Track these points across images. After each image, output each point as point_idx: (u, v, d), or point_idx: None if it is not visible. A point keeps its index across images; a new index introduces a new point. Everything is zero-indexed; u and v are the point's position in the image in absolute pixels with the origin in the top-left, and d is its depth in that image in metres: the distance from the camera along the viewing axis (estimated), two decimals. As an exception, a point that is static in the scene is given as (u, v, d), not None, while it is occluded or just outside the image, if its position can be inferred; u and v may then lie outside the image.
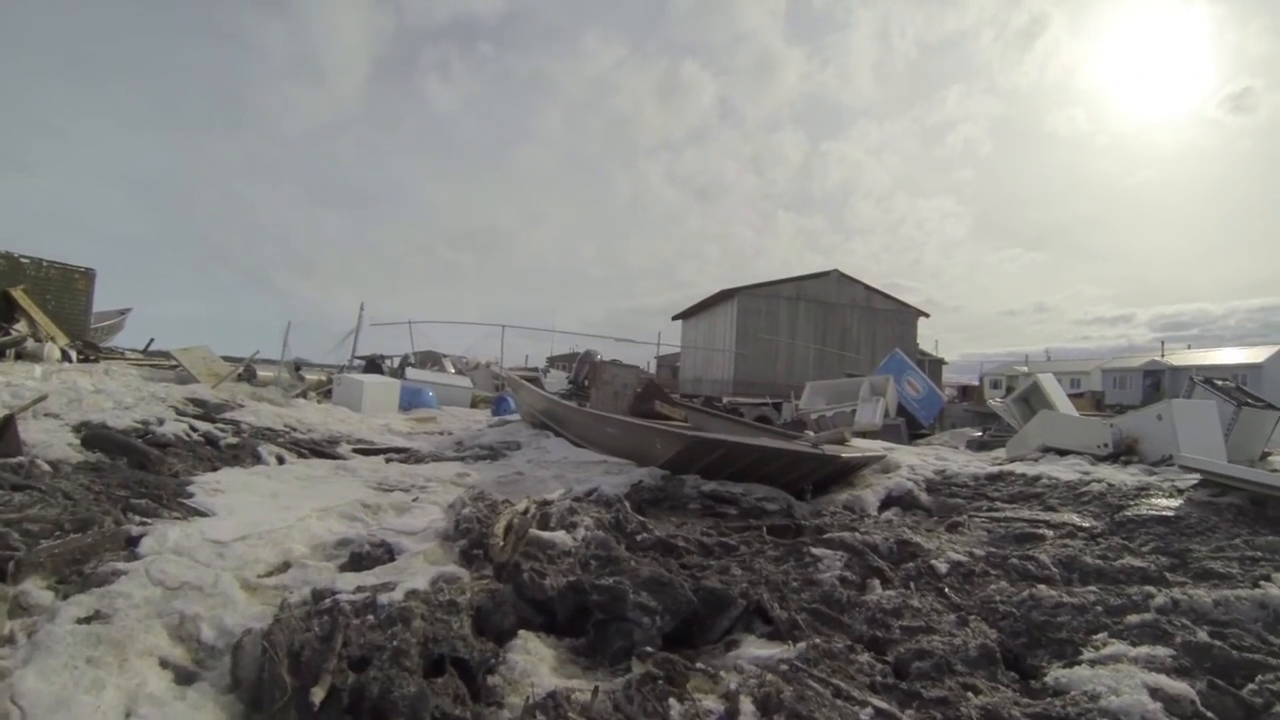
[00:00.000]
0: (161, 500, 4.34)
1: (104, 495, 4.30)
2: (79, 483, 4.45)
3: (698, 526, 4.41)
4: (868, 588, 3.43)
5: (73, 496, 4.13)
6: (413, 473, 6.27)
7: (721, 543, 4.01)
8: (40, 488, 4.18)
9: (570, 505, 4.50)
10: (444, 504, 4.85)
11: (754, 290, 32.47)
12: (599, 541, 3.69)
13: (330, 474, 6.05)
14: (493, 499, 4.71)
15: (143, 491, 4.48)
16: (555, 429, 8.81)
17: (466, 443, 8.95)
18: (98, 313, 18.30)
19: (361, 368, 17.03)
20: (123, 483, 4.62)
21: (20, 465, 4.78)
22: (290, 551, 3.72)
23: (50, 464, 5.01)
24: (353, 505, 4.68)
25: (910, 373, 16.52)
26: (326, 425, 9.30)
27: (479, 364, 23.90)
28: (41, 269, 15.72)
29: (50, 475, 4.66)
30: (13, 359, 12.10)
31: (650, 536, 4.00)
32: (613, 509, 4.49)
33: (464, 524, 4.11)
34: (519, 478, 6.25)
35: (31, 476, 4.60)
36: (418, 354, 22.02)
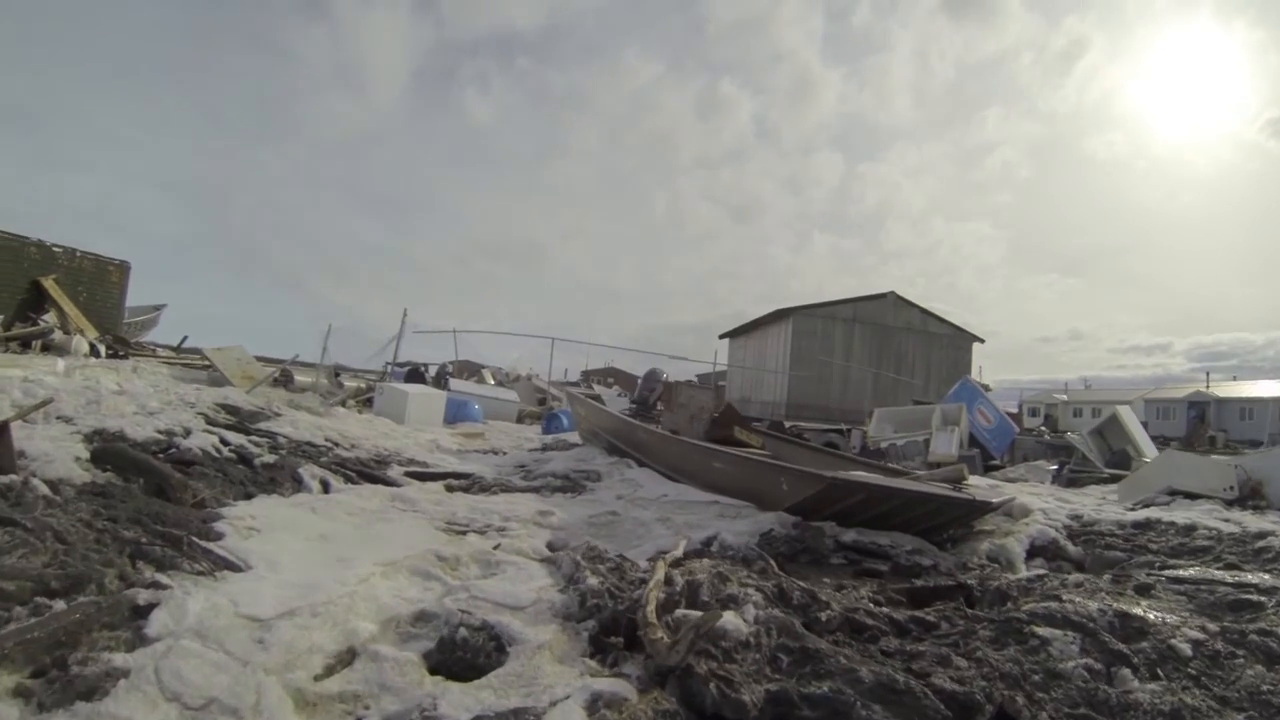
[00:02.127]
0: (182, 545, 3.34)
1: (108, 535, 3.32)
2: (78, 517, 3.47)
3: (861, 590, 3.75)
4: (1116, 678, 2.75)
5: (67, 539, 3.14)
6: (483, 508, 5.37)
7: (915, 619, 3.30)
8: (26, 525, 3.18)
9: (718, 571, 3.57)
10: (531, 551, 4.06)
11: (810, 310, 31.55)
12: (780, 625, 2.91)
13: (386, 507, 5.11)
14: (614, 559, 3.81)
15: (159, 530, 3.50)
16: (636, 456, 7.85)
17: (533, 468, 8.01)
18: (132, 307, 17.78)
19: (403, 376, 16.10)
20: (134, 516, 3.64)
21: (10, 487, 3.81)
22: (355, 632, 2.72)
23: (49, 485, 4.06)
24: (424, 557, 3.69)
25: (981, 401, 15.61)
26: (371, 440, 8.42)
27: (519, 376, 23.11)
28: (75, 259, 15.14)
29: (44, 504, 3.67)
30: (38, 350, 11.44)
31: (834, 614, 3.27)
32: (763, 572, 3.78)
33: (591, 599, 3.19)
34: (614, 519, 5.35)
35: (21, 503, 3.64)
36: (455, 364, 21.19)
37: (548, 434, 12.67)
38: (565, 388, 19.34)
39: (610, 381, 35.24)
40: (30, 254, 14.26)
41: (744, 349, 37.11)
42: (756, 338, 35.80)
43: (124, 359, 12.01)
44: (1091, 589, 3.85)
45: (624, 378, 38.88)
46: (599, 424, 9.52)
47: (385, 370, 17.33)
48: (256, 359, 12.71)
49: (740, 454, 6.72)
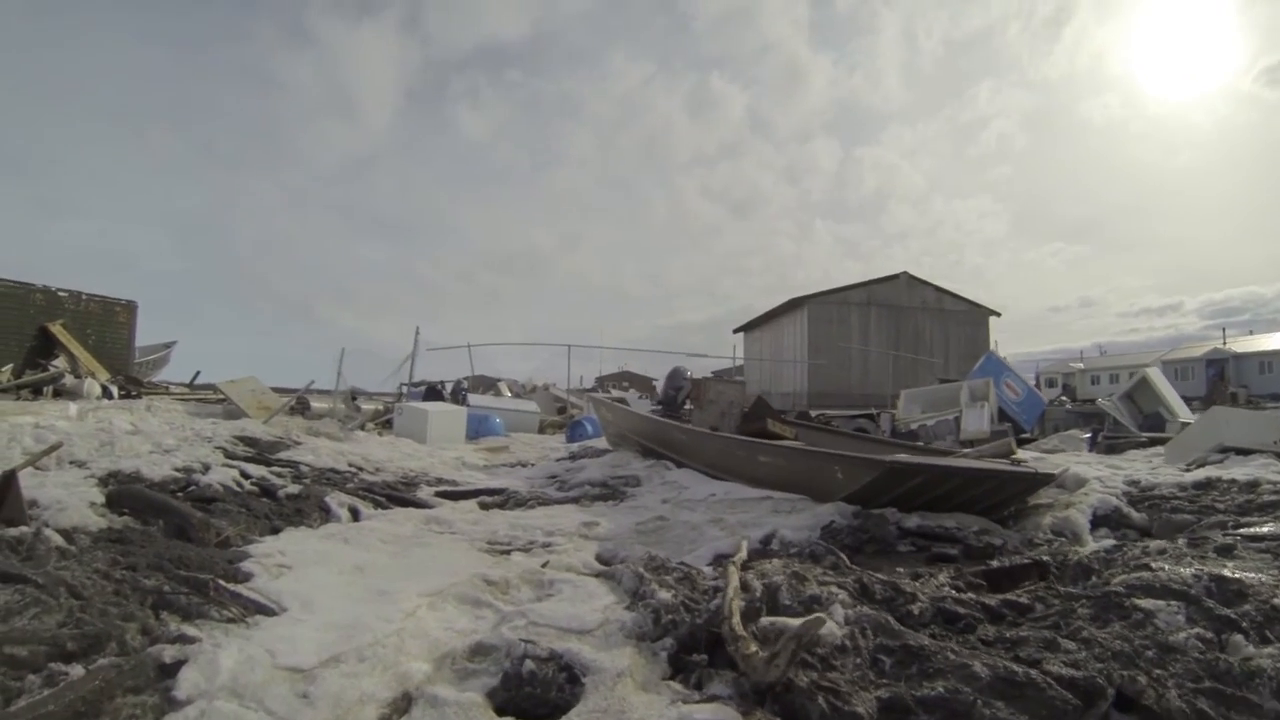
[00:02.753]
0: (208, 590, 3.06)
1: (128, 585, 3.03)
2: (94, 567, 3.19)
3: (939, 577, 3.46)
4: (1230, 645, 2.54)
5: (82, 594, 2.86)
6: (523, 523, 5.11)
7: (1007, 602, 3.08)
8: (37, 581, 2.90)
9: (793, 571, 3.30)
10: (581, 566, 3.84)
11: (824, 297, 31.41)
12: (875, 624, 2.71)
13: (421, 531, 4.85)
14: (680, 568, 3.55)
15: (182, 576, 3.22)
16: (672, 457, 7.56)
17: (567, 478, 7.73)
18: (142, 347, 17.72)
19: (420, 395, 15.85)
20: (155, 562, 3.36)
21: (20, 540, 3.56)
22: (408, 675, 2.44)
23: (63, 534, 3.81)
24: (471, 583, 3.41)
25: (1008, 375, 15.45)
26: (395, 462, 8.19)
27: (536, 387, 22.93)
28: (81, 302, 15.09)
29: (58, 556, 3.41)
30: (50, 396, 11.28)
31: (924, 605, 3.01)
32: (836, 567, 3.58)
33: (666, 615, 2.90)
34: (662, 524, 5.05)
35: (32, 557, 3.38)
36: (470, 379, 20.93)
37: (573, 442, 12.43)
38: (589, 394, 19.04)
39: (625, 385, 35.00)
40: (36, 300, 14.20)
41: (759, 342, 36.92)
42: (772, 330, 35.61)
43: (137, 399, 11.82)
44: (1176, 554, 3.65)
45: (639, 381, 38.70)
46: (629, 427, 9.23)
47: (400, 391, 17.05)
48: (271, 389, 12.49)
49: (788, 446, 6.43)
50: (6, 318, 13.62)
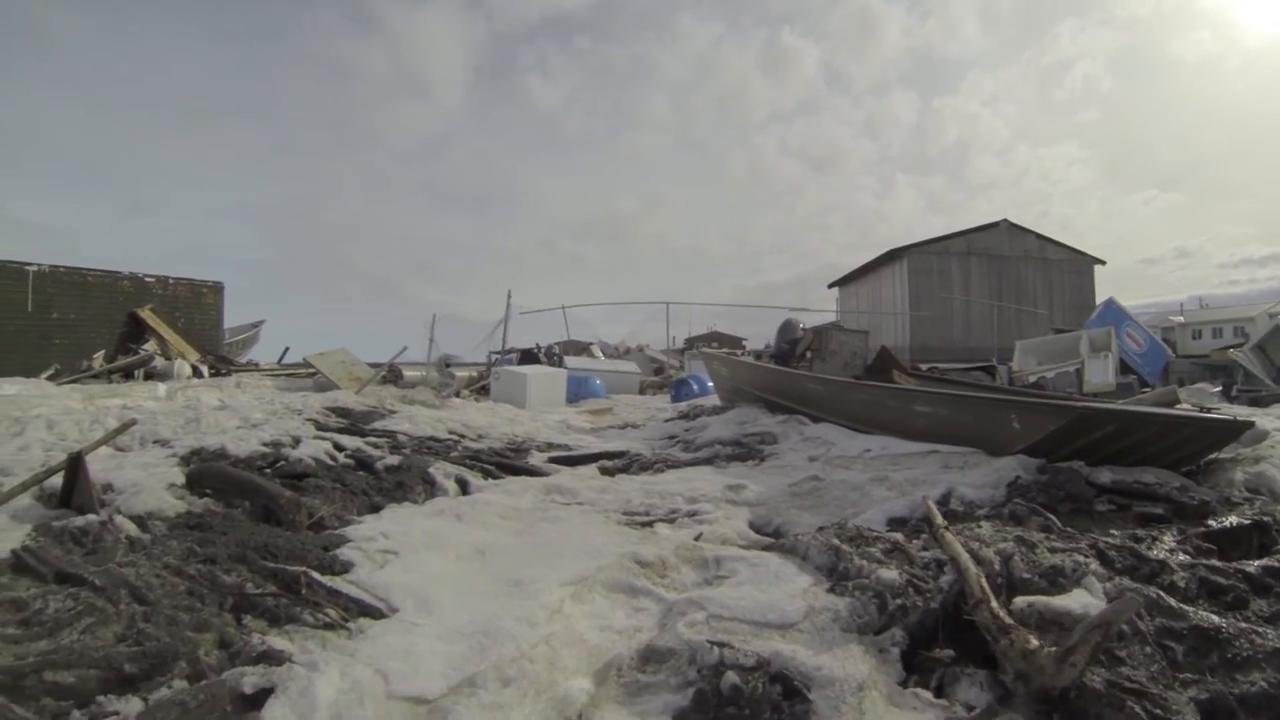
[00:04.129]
0: (300, 587, 2.49)
1: (203, 584, 2.50)
2: (165, 561, 2.66)
3: (1165, 540, 2.98)
4: None
5: (147, 596, 2.34)
6: (658, 489, 4.52)
7: (1269, 569, 2.57)
8: (95, 582, 2.37)
9: (1020, 536, 2.86)
10: (737, 537, 3.41)
11: (923, 248, 30.22)
12: (1150, 602, 2.22)
13: (544, 502, 4.29)
14: (888, 537, 3.00)
15: (269, 568, 2.67)
16: (804, 411, 6.93)
17: (689, 438, 7.15)
18: (231, 327, 17.97)
19: (516, 360, 15.44)
20: (237, 552, 2.83)
21: (86, 531, 3.07)
22: (568, 699, 1.86)
23: (136, 521, 3.33)
24: (621, 565, 2.88)
25: (1129, 323, 14.55)
26: (497, 428, 7.70)
27: (629, 349, 22.43)
28: (168, 286, 15.44)
29: (126, 547, 2.89)
30: (142, 379, 11.27)
31: (1186, 576, 2.54)
32: (1047, 529, 3.12)
33: (893, 599, 2.34)
34: (818, 485, 4.46)
35: (97, 550, 2.89)
36: (562, 343, 20.52)
37: (679, 401, 11.80)
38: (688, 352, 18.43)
39: (715, 345, 34.34)
40: (124, 287, 14.55)
41: (855, 296, 36.02)
42: (869, 283, 34.67)
43: (227, 376, 11.72)
44: None
45: (728, 340, 38.03)
46: (751, 381, 8.61)
47: (490, 358, 16.73)
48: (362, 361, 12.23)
49: (951, 393, 5.85)
50: (97, 306, 13.98)
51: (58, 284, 13.41)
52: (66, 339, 13.20)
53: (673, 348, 26.68)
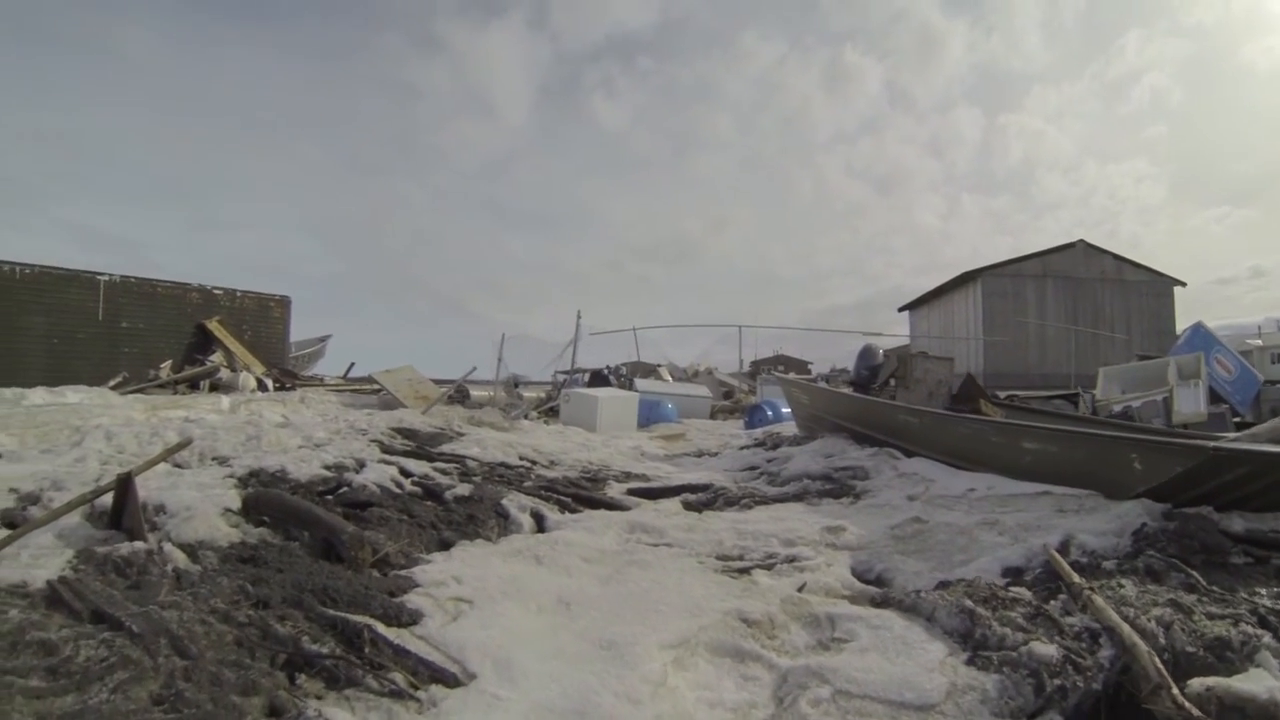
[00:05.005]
0: (363, 643, 2.19)
1: (254, 633, 2.23)
2: (212, 605, 2.39)
3: None
4: None
5: (189, 649, 2.07)
6: (749, 529, 4.20)
7: None
8: (133, 628, 2.11)
9: (1173, 600, 2.59)
10: (841, 587, 3.11)
11: (998, 270, 29.45)
12: None
13: (628, 542, 3.97)
14: (1022, 597, 2.74)
15: (328, 617, 2.38)
16: (895, 443, 6.65)
17: (772, 470, 6.85)
18: (298, 341, 18.15)
19: (584, 381, 15.22)
20: (293, 595, 2.56)
21: (130, 561, 2.83)
22: None
23: (186, 551, 3.11)
24: (725, 624, 2.60)
25: (1219, 349, 13.73)
26: (570, 453, 7.47)
27: (698, 371, 22.08)
28: (236, 299, 15.72)
29: (173, 582, 2.64)
30: (207, 390, 11.35)
31: None
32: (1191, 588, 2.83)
33: (1050, 676, 2.08)
34: (921, 528, 4.12)
35: (141, 584, 2.65)
36: (629, 364, 20.27)
37: (753, 428, 11.47)
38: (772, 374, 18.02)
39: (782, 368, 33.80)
40: (193, 299, 14.84)
41: (927, 320, 35.30)
42: (940, 306, 33.98)
43: (292, 391, 11.74)
44: None
45: (794, 364, 37.49)
46: (833, 410, 8.27)
47: (556, 379, 16.55)
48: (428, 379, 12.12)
49: (1062, 429, 5.44)
50: (165, 316, 14.27)
51: (128, 294, 13.69)
52: (135, 348, 13.45)
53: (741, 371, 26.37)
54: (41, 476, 4.59)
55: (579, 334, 16.80)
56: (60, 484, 4.40)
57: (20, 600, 2.45)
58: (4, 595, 2.48)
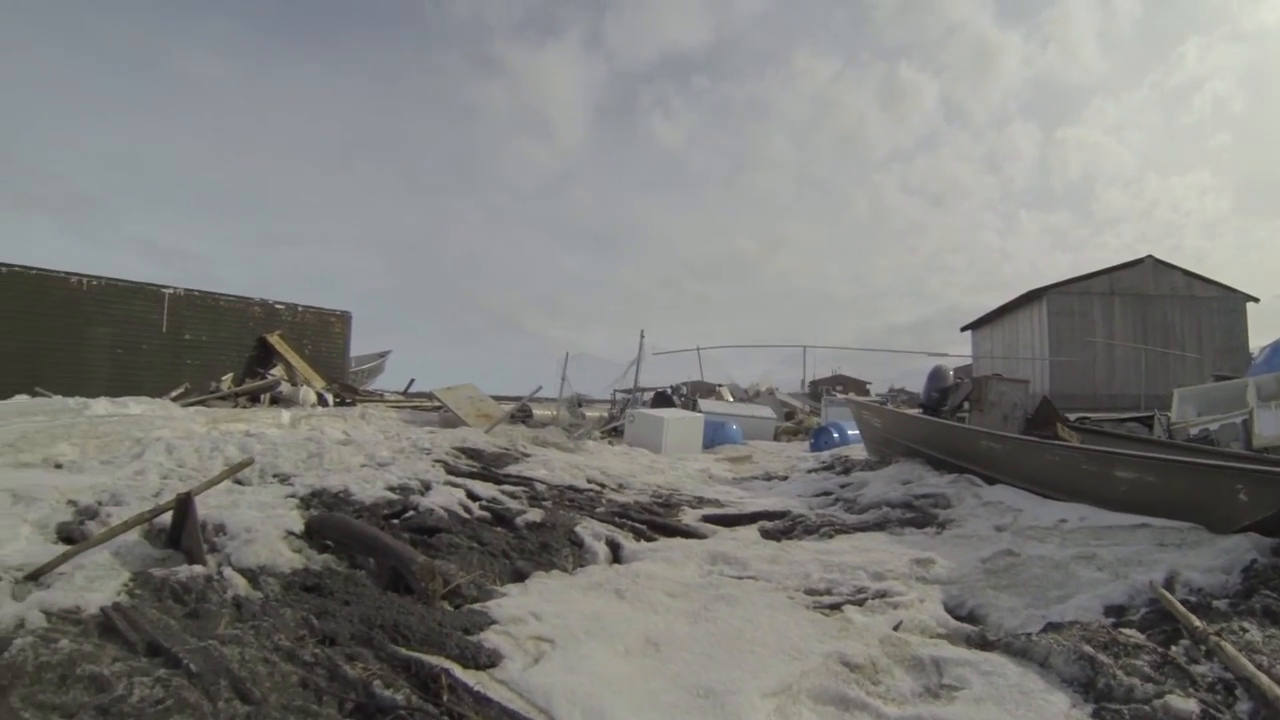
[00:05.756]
0: (440, 688, 2.01)
1: (320, 674, 2.06)
2: (275, 642, 2.23)
3: None
4: None
5: (251, 694, 1.91)
6: (834, 560, 4.06)
7: None
8: (191, 667, 1.95)
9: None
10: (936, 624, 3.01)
11: (1064, 288, 28.77)
12: None
13: (711, 575, 3.78)
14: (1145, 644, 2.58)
15: (400, 658, 2.20)
16: (976, 470, 6.46)
17: (848, 496, 6.65)
18: (357, 356, 18.32)
19: (648, 401, 15.08)
20: (361, 632, 2.39)
21: (188, 587, 2.69)
22: None
23: (247, 575, 2.98)
24: (827, 668, 2.48)
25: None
26: (638, 476, 7.34)
27: (759, 391, 21.84)
28: (297, 314, 15.91)
29: (233, 612, 2.49)
30: (268, 403, 11.43)
31: None
32: None
33: None
34: (1013, 561, 3.98)
35: (200, 613, 2.50)
36: (689, 384, 20.09)
37: (819, 450, 11.26)
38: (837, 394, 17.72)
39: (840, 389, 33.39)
40: (254, 313, 15.06)
41: (990, 339, 34.66)
42: (1004, 326, 33.37)
43: (352, 406, 11.78)
44: None
45: (853, 384, 37.04)
46: (907, 434, 8.11)
47: (614, 399, 16.46)
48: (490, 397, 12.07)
49: (1158, 457, 5.24)
50: (227, 329, 14.50)
51: (191, 307, 13.93)
52: (197, 360, 13.67)
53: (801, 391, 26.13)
54: (101, 489, 4.54)
55: (642, 353, 16.66)
56: (119, 498, 4.34)
57: (72, 627, 2.32)
58: (56, 621, 2.36)
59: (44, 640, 2.15)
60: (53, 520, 3.84)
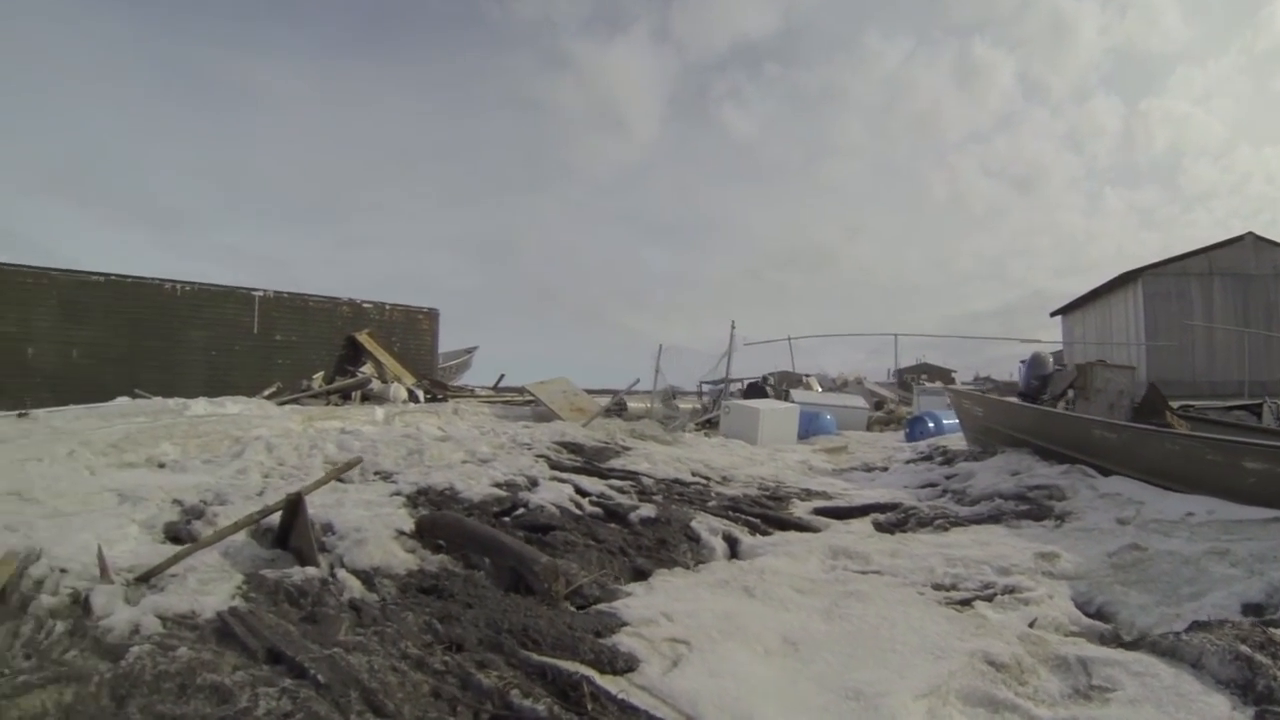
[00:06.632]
0: (581, 698, 1.90)
1: (453, 683, 1.97)
2: (401, 649, 2.14)
3: None
4: None
5: (384, 707, 1.85)
6: (955, 554, 3.95)
7: None
8: (319, 678, 1.89)
9: None
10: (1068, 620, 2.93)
11: (1160, 269, 27.41)
12: None
13: (834, 570, 3.67)
14: None
15: (533, 664, 2.08)
16: (1088, 461, 6.28)
17: (956, 488, 6.49)
18: (445, 352, 18.57)
19: (730, 392, 14.97)
20: (489, 637, 2.31)
21: (304, 590, 2.64)
22: None
23: (361, 577, 2.93)
24: (972, 667, 2.38)
25: None
26: (739, 469, 7.26)
27: (847, 381, 21.60)
28: (385, 312, 16.16)
29: (352, 617, 2.42)
30: (358, 401, 11.62)
31: None
32: None
33: None
34: (1140, 556, 3.79)
35: (318, 616, 2.43)
36: (775, 374, 19.91)
37: (915, 440, 11.18)
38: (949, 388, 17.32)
39: (925, 378, 32.79)
40: (342, 312, 15.36)
41: (1081, 325, 33.41)
42: (1096, 310, 32.12)
43: (443, 402, 11.92)
44: None
45: (937, 372, 36.33)
46: (1011, 423, 7.95)
47: (701, 389, 16.38)
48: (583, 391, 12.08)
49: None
50: (317, 329, 14.84)
51: (281, 308, 14.30)
52: (288, 359, 14.03)
53: (886, 380, 25.83)
54: (205, 488, 4.61)
55: (733, 344, 16.50)
56: (223, 497, 4.38)
57: (188, 633, 2.28)
58: (171, 626, 2.33)
59: (161, 647, 2.12)
60: (159, 520, 3.90)
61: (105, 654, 2.11)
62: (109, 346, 12.15)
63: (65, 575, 2.73)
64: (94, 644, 2.18)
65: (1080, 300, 33.55)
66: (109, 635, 2.23)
